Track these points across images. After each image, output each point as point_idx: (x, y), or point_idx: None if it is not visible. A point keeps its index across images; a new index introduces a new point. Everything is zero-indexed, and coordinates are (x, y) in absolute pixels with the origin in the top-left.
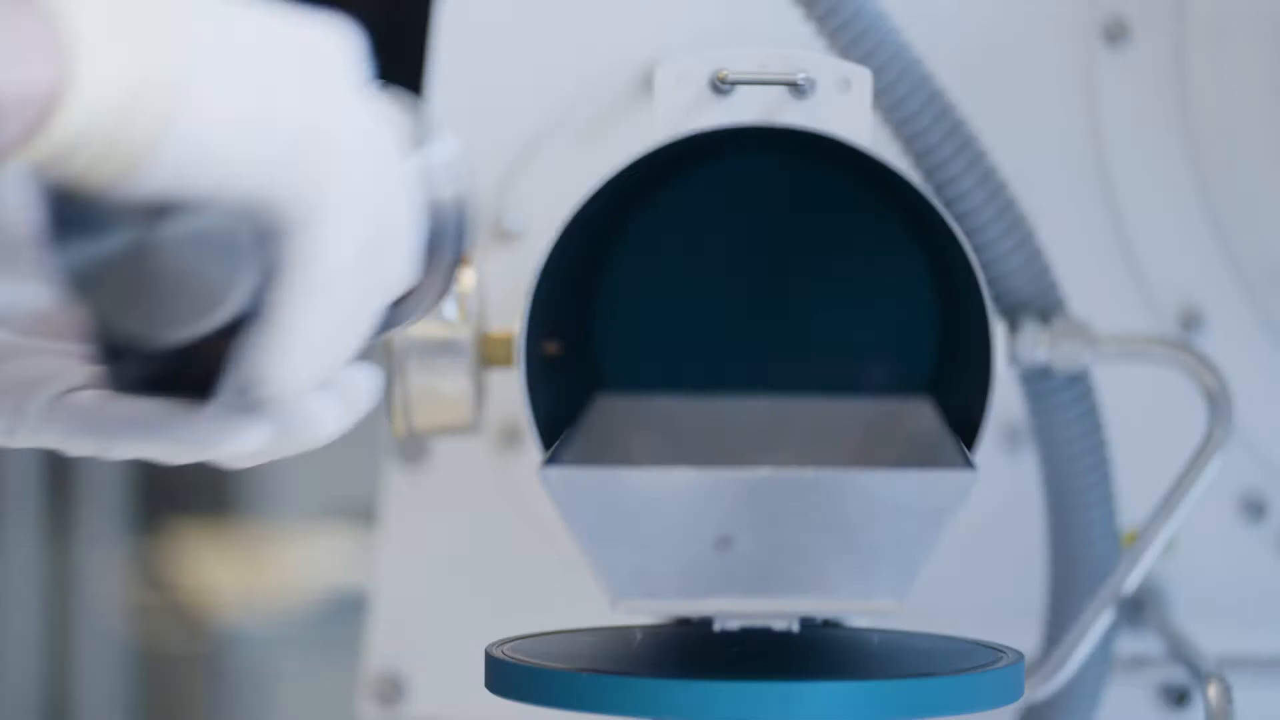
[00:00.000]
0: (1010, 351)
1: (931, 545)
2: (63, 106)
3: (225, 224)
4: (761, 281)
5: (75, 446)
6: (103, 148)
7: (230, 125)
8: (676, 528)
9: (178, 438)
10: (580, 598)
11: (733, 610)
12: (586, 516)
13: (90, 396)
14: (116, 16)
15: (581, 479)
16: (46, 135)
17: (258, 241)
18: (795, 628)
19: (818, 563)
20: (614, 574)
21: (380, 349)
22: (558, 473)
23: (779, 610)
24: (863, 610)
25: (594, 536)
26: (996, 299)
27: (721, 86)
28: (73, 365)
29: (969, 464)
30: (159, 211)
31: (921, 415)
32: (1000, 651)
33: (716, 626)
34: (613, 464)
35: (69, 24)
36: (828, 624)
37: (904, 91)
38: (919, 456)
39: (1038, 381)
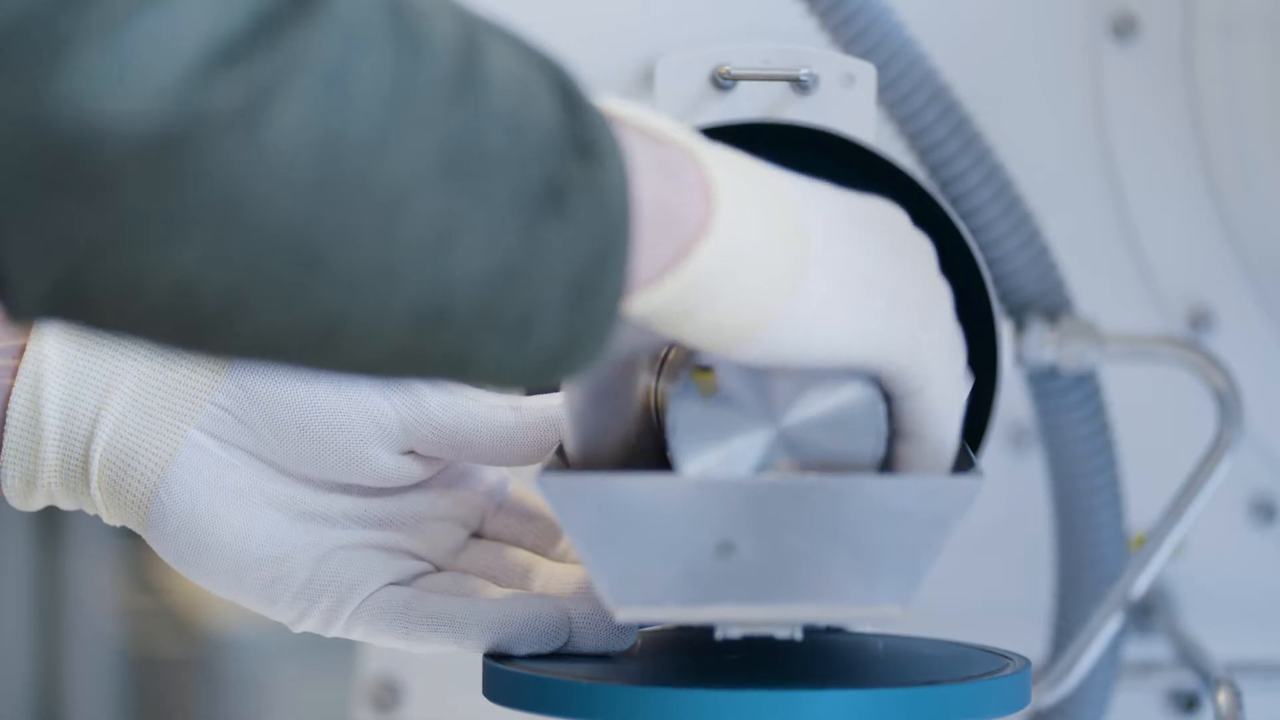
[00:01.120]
0: (1016, 351)
1: (937, 551)
2: (707, 237)
3: (844, 399)
4: None
5: (381, 641)
6: (731, 299)
7: (844, 294)
8: (677, 534)
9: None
10: None
11: (734, 618)
12: (586, 524)
13: (399, 594)
14: (745, 176)
15: (581, 486)
16: (690, 262)
17: (873, 408)
18: (798, 635)
19: (821, 569)
20: (614, 581)
21: None
22: (557, 479)
23: (781, 618)
24: (867, 617)
25: (594, 544)
26: (1002, 298)
27: (723, 82)
28: (391, 561)
29: (975, 469)
30: (773, 404)
31: None
32: (1007, 658)
33: (718, 635)
34: (612, 471)
35: (710, 171)
36: (831, 630)
37: (908, 87)
38: None
39: (1044, 382)
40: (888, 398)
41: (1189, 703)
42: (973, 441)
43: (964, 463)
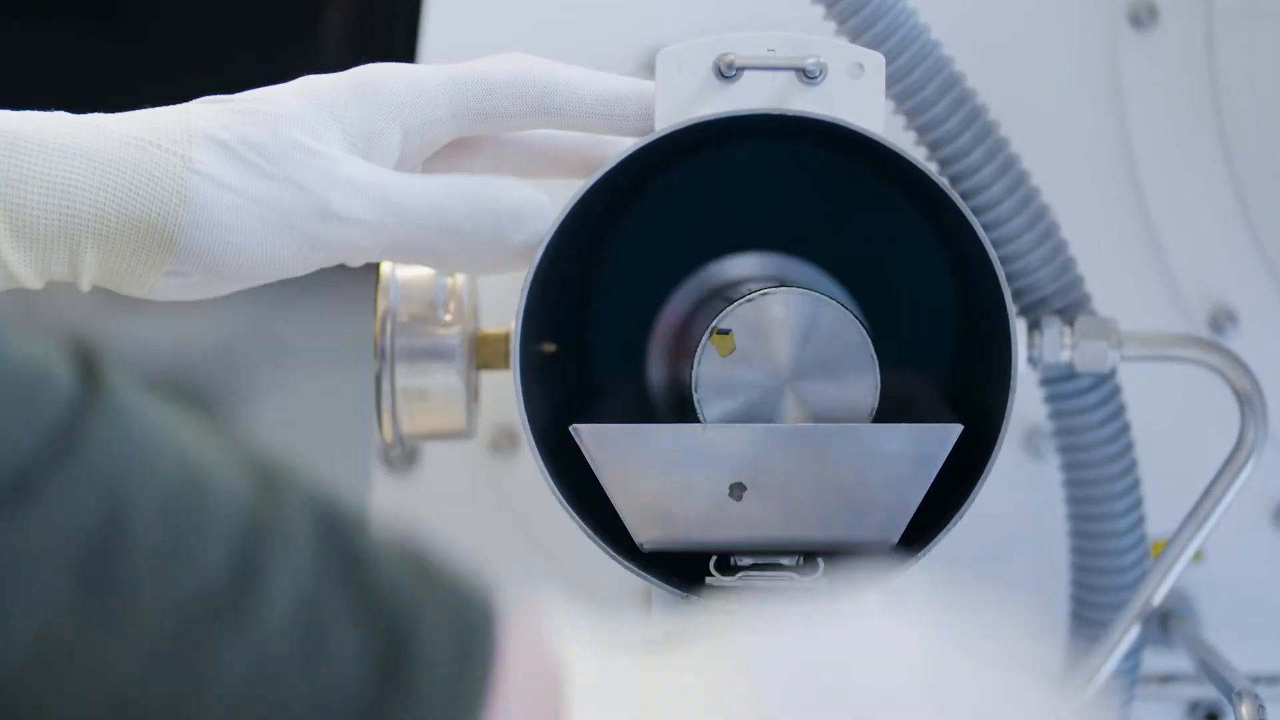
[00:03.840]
0: (1032, 352)
1: (920, 490)
2: None
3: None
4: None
5: None
6: None
7: None
8: (696, 476)
9: None
10: (577, 607)
11: (743, 548)
12: (616, 467)
13: None
14: None
15: (609, 434)
16: None
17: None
18: (800, 563)
19: (821, 507)
20: (639, 518)
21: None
22: (588, 429)
23: (785, 541)
24: (861, 547)
25: (623, 484)
26: (1017, 296)
27: (727, 72)
28: None
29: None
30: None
31: (921, 392)
32: None
33: (731, 562)
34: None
35: None
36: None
37: (919, 78)
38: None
39: (1061, 383)
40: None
41: (1210, 715)
42: (988, 443)
43: (947, 418)
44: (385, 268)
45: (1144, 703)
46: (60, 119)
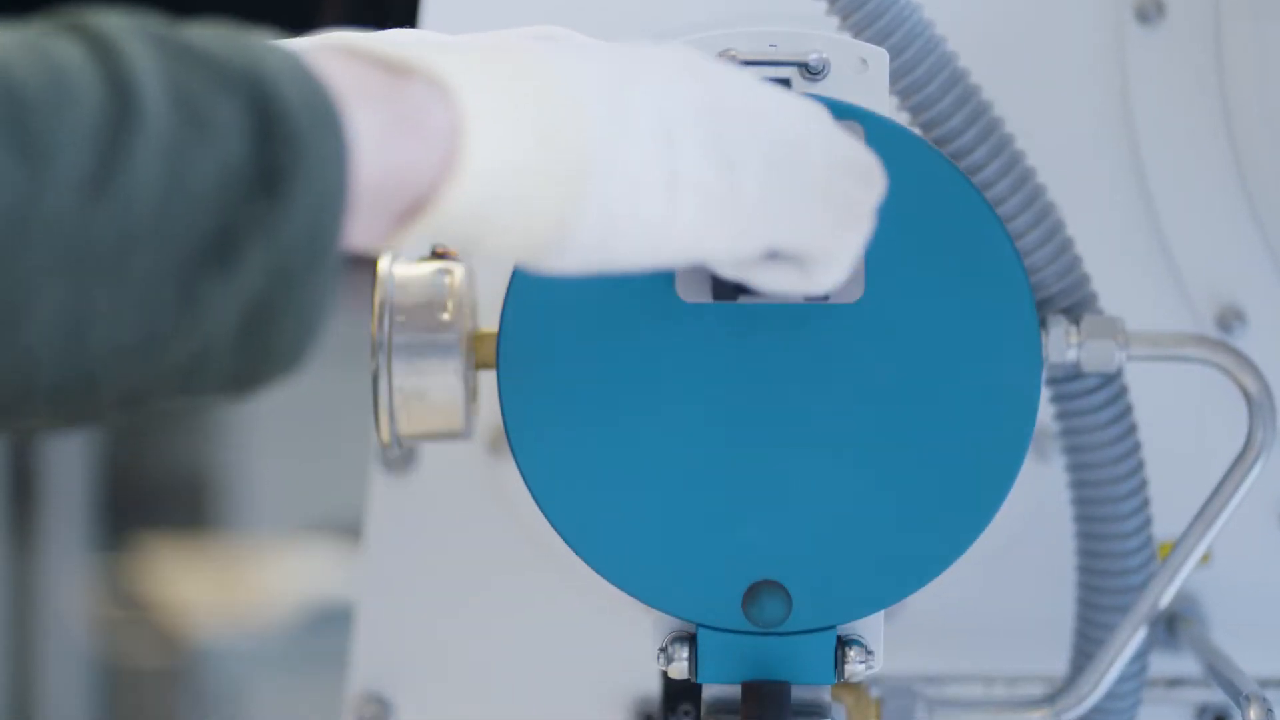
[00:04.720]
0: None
1: None
2: (453, 184)
3: None
4: None
5: None
6: (512, 223)
7: (642, 187)
8: None
9: None
10: (576, 611)
11: None
12: None
13: None
14: (507, 88)
15: None
16: (439, 209)
17: None
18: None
19: None
20: None
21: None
22: None
23: None
24: None
25: None
26: None
27: None
28: None
29: None
30: None
31: None
32: None
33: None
34: None
35: (461, 103)
36: None
37: (923, 73)
38: None
39: (1067, 383)
40: None
41: (1218, 718)
42: None
43: None
44: (383, 265)
45: (1151, 706)
46: None
